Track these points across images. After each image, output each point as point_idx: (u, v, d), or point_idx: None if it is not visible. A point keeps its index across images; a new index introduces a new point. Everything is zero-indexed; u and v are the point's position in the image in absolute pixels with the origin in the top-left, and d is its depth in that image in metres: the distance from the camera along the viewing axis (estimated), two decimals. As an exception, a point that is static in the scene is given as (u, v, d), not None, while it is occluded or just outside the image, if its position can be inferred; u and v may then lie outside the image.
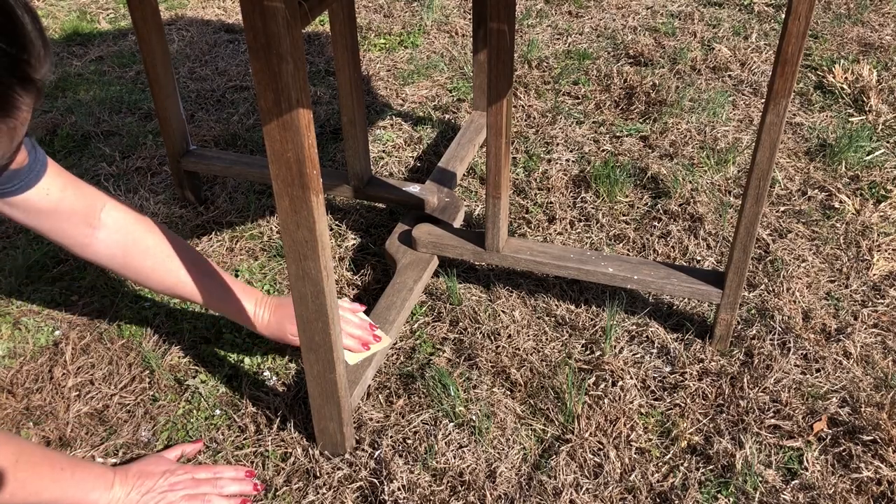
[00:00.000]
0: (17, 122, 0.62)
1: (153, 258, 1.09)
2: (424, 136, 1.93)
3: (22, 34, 0.60)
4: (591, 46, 2.35)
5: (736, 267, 1.19)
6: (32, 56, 0.61)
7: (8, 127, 0.62)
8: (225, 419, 1.19)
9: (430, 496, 1.06)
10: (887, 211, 1.62)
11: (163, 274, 1.11)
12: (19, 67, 0.60)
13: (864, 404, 1.18)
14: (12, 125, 0.62)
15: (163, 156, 1.84)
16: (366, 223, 1.63)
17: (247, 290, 1.17)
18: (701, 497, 1.07)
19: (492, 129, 1.21)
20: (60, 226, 1.04)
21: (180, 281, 1.11)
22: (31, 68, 0.62)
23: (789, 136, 1.89)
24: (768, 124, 1.06)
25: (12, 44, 0.60)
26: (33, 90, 0.63)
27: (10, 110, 0.61)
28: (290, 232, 0.89)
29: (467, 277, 1.46)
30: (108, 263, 1.09)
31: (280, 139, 0.81)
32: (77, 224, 1.04)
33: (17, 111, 0.62)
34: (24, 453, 0.92)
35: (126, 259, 1.09)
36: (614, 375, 1.24)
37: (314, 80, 2.22)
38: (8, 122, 0.61)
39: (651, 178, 1.72)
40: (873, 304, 1.39)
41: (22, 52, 0.60)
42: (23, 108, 0.62)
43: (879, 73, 2.11)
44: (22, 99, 0.62)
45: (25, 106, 0.62)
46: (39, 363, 1.29)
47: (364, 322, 1.21)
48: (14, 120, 0.62)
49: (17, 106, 0.61)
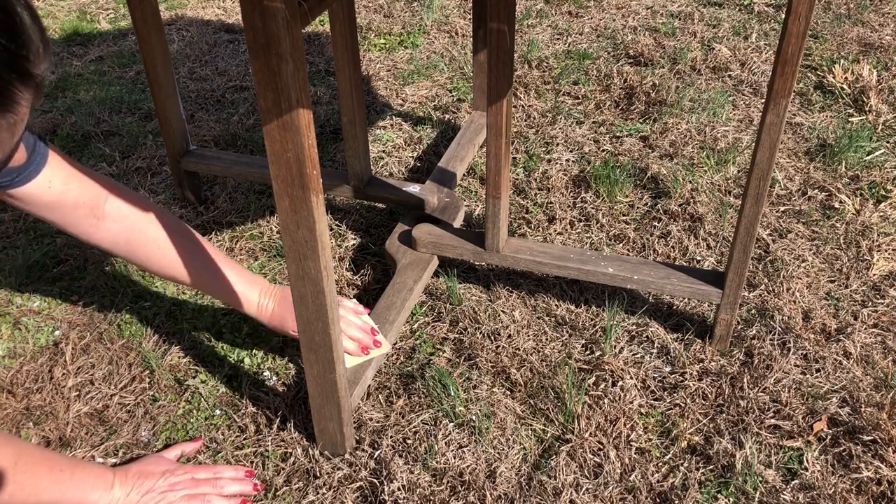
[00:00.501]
0: (17, 117, 0.63)
1: (156, 247, 1.10)
2: (424, 136, 1.93)
3: (21, 30, 0.61)
4: (591, 46, 2.35)
5: (736, 267, 1.19)
6: (31, 52, 0.62)
7: (8, 123, 0.62)
8: (225, 419, 1.19)
9: (430, 496, 1.06)
10: (887, 211, 1.62)
11: (165, 263, 1.11)
12: (18, 63, 0.61)
13: (864, 404, 1.18)
14: (12, 121, 0.62)
15: (163, 156, 1.84)
16: (366, 223, 1.63)
17: (251, 280, 1.17)
18: (701, 497, 1.07)
19: (492, 129, 1.21)
20: (65, 218, 1.04)
21: (183, 269, 1.12)
22: (31, 64, 0.62)
23: (789, 136, 1.89)
24: (768, 124, 1.06)
25: (11, 39, 0.60)
26: (32, 85, 0.63)
27: (11, 105, 0.61)
28: (290, 232, 0.89)
29: (467, 277, 1.46)
30: (112, 251, 1.11)
31: (280, 139, 0.81)
32: (83, 216, 1.05)
33: (17, 106, 0.62)
34: (24, 455, 0.91)
35: (130, 247, 1.10)
36: (614, 375, 1.24)
37: (314, 80, 2.22)
38: (8, 118, 0.62)
39: (651, 178, 1.72)
40: (873, 304, 1.39)
41: (21, 47, 0.60)
42: (22, 103, 0.62)
43: (879, 73, 2.11)
44: (21, 94, 0.62)
45: (25, 102, 0.63)
46: (39, 363, 1.29)
47: (367, 325, 1.21)
48: (14, 115, 0.62)
49: (16, 101, 0.62)
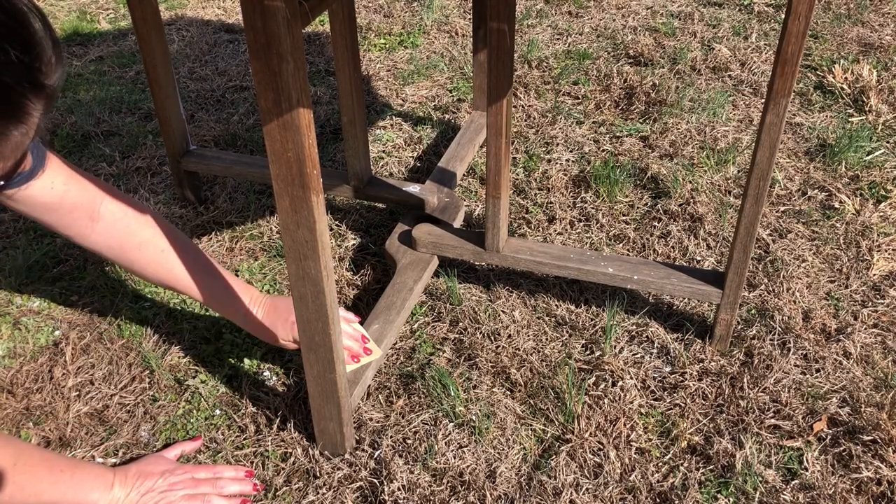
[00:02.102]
0: (29, 128, 0.63)
1: (149, 252, 1.10)
2: (424, 136, 1.93)
3: (34, 42, 0.61)
4: (591, 46, 2.35)
5: (736, 267, 1.19)
6: (43, 63, 0.62)
7: (21, 134, 0.62)
8: (225, 419, 1.19)
9: (430, 496, 1.06)
10: (887, 211, 1.62)
11: (157, 267, 1.11)
12: (31, 74, 0.61)
13: (864, 404, 1.18)
14: (24, 131, 0.63)
15: (163, 156, 1.84)
16: (366, 223, 1.63)
17: (243, 289, 1.17)
18: (701, 497, 1.07)
19: (492, 129, 1.21)
20: (62, 220, 1.04)
21: (175, 275, 1.11)
22: (43, 75, 0.62)
23: (789, 136, 1.89)
24: (768, 124, 1.06)
25: (25, 52, 0.60)
26: (44, 96, 0.63)
27: (24, 117, 0.62)
28: (290, 232, 0.89)
29: (467, 277, 1.46)
30: (106, 254, 1.10)
31: (280, 139, 0.81)
32: (79, 218, 1.05)
33: (30, 117, 0.62)
34: (23, 455, 0.91)
35: (122, 251, 1.09)
36: (614, 375, 1.24)
37: (314, 80, 2.22)
38: (20, 129, 0.62)
39: (651, 178, 1.72)
40: (873, 304, 1.39)
41: (35, 59, 0.61)
42: (34, 114, 0.63)
43: (879, 73, 2.11)
44: (34, 105, 0.62)
45: (37, 112, 0.63)
46: (39, 363, 1.29)
47: (357, 333, 1.20)
48: (26, 126, 0.62)
49: (29, 112, 0.62)
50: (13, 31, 0.60)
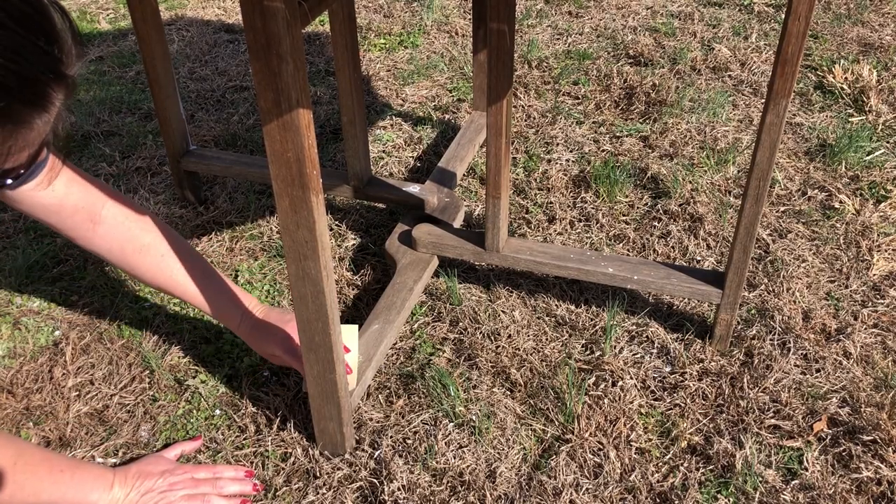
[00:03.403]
0: (51, 116, 0.65)
1: (150, 256, 1.10)
2: (424, 136, 1.93)
3: (56, 33, 0.63)
4: (591, 46, 2.35)
5: (736, 267, 1.19)
6: (64, 52, 0.64)
7: (43, 122, 0.64)
8: (225, 419, 1.19)
9: (430, 496, 1.06)
10: (887, 211, 1.62)
11: (157, 272, 1.11)
12: (54, 64, 0.63)
13: (864, 404, 1.18)
14: (46, 120, 0.65)
15: (163, 156, 1.84)
16: (366, 223, 1.63)
17: (241, 298, 1.17)
18: (701, 497, 1.07)
19: (492, 129, 1.21)
20: (64, 221, 1.05)
21: (174, 280, 1.11)
22: (64, 65, 0.64)
23: (789, 136, 1.89)
24: (768, 124, 1.06)
25: (49, 42, 0.62)
26: (64, 85, 0.65)
27: (46, 105, 0.64)
28: (290, 232, 0.89)
29: (467, 277, 1.46)
30: (107, 257, 1.10)
31: (280, 139, 0.81)
32: (81, 220, 1.05)
33: (52, 107, 0.65)
34: (23, 455, 0.91)
35: (123, 255, 1.09)
36: (614, 375, 1.24)
37: (314, 80, 2.22)
38: (44, 118, 0.64)
39: (651, 178, 1.72)
40: (873, 304, 1.39)
41: (58, 50, 0.63)
42: (56, 103, 0.65)
43: (879, 73, 2.11)
44: (56, 95, 0.64)
45: (58, 101, 0.66)
46: (39, 363, 1.29)
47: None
48: (48, 115, 0.64)
49: (52, 101, 0.65)
50: (37, 23, 0.62)
